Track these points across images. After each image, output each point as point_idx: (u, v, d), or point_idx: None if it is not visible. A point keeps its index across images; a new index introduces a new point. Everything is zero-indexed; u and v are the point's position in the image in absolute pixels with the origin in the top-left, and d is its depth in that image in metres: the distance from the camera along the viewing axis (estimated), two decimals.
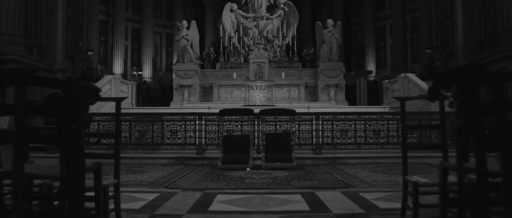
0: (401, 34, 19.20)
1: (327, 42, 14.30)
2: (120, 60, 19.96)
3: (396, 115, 7.84)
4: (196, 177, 5.38)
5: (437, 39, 14.93)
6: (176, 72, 14.46)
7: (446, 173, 2.13)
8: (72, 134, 1.51)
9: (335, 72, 14.16)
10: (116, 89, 11.00)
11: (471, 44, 13.44)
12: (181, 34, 14.70)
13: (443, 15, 14.70)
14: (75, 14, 15.05)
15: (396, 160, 7.30)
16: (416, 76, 11.04)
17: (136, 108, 12.22)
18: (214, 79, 14.76)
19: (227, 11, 16.12)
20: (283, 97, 14.38)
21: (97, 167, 2.21)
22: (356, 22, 22.07)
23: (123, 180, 5.12)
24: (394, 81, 11.85)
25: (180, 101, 14.13)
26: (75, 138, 1.52)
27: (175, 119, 7.82)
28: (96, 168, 2.21)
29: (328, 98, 14.02)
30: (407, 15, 19.40)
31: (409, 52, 19.28)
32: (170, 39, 22.12)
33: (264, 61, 13.75)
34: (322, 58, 14.25)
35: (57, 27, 13.78)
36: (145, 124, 7.76)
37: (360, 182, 4.90)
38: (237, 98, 14.11)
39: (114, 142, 2.84)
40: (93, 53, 16.85)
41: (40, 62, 13.13)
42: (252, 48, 15.14)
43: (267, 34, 15.85)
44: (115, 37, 19.81)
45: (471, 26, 13.45)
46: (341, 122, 7.70)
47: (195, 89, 14.34)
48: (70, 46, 14.63)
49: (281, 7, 15.97)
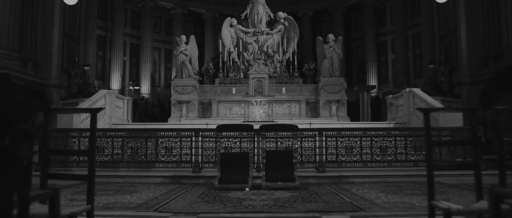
0: (403, 49, 18.99)
1: (328, 57, 14.00)
2: (118, 76, 19.67)
3: (403, 131, 7.43)
4: (191, 198, 4.94)
5: (440, 54, 14.65)
6: (174, 87, 14.12)
7: (499, 201, 1.72)
8: (7, 150, 1.11)
9: (336, 87, 13.81)
10: (111, 104, 10.62)
11: (476, 59, 13.16)
12: (180, 49, 14.42)
13: (446, 29, 14.46)
14: (72, 29, 14.81)
15: (405, 178, 6.89)
16: (421, 90, 10.68)
17: (131, 124, 11.81)
18: (213, 95, 14.41)
19: (226, 26, 15.89)
20: (284, 113, 14.00)
21: (52, 194, 1.79)
22: (357, 38, 21.91)
23: (109, 201, 4.68)
24: (399, 96, 11.48)
25: (178, 118, 13.74)
26: (10, 155, 1.11)
27: (170, 135, 7.41)
28: (50, 195, 1.79)
29: (329, 114, 13.63)
30: (408, 31, 19.25)
31: (411, 68, 19.03)
32: (169, 54, 21.91)
33: (264, 77, 13.41)
34: (323, 73, 13.93)
35: (53, 41, 13.53)
36: (139, 140, 7.34)
37: (370, 204, 4.46)
38: (236, 114, 13.74)
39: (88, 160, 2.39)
40: (90, 68, 16.56)
41: (34, 76, 12.82)
42: (252, 63, 14.84)
43: (267, 49, 15.57)
44: (113, 52, 19.57)
45: (475, 40, 13.19)
46: (345, 138, 7.28)
47: (194, 105, 13.97)
48: (66, 60, 14.34)
49: (281, 22, 15.74)
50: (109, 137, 7.31)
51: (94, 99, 10.08)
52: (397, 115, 11.43)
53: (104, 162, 7.41)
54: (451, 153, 7.14)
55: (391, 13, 20.29)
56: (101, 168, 7.35)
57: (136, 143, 7.37)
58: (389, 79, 20.41)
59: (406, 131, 7.43)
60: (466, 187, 5.92)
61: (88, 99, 10.21)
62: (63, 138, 7.59)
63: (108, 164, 7.42)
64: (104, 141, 7.30)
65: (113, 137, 7.33)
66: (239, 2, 21.31)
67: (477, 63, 13.07)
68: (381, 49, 20.93)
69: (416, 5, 18.42)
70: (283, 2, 21.29)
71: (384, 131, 7.45)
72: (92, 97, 10.38)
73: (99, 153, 7.45)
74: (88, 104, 9.75)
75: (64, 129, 8.01)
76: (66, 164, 7.43)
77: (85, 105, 9.77)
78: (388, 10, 20.60)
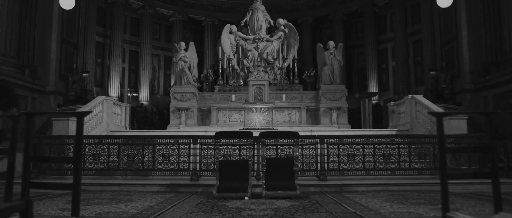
0: (404, 56, 18.89)
1: (329, 64, 13.87)
2: (116, 83, 19.51)
3: (406, 138, 7.25)
4: (188, 208, 4.74)
5: (441, 61, 14.52)
6: (173, 94, 13.98)
7: None
8: None
9: (337, 95, 13.67)
10: (108, 111, 10.45)
11: (478, 65, 13.02)
12: (179, 55, 14.30)
13: (447, 36, 14.35)
14: (70, 35, 14.69)
15: (409, 187, 6.70)
16: (423, 97, 10.52)
17: (128, 131, 11.62)
18: (212, 102, 14.26)
19: (226, 32, 15.78)
20: (284, 121, 13.83)
21: (24, 206, 1.59)
22: (357, 45, 21.82)
23: (103, 211, 4.48)
24: (400, 103, 11.32)
25: (177, 125, 13.58)
26: None
27: (168, 142, 7.22)
28: (22, 208, 1.60)
29: (330, 121, 13.47)
30: (409, 38, 19.17)
31: (412, 75, 18.92)
32: (168, 62, 21.79)
33: (264, 84, 13.26)
34: (323, 80, 13.79)
35: (51, 47, 13.40)
36: (135, 147, 7.15)
37: (375, 214, 4.27)
38: (236, 121, 13.58)
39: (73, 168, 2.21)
40: (89, 75, 16.42)
41: (32, 83, 12.67)
42: (252, 70, 14.70)
43: (267, 56, 15.44)
44: (112, 59, 19.44)
45: (477, 47, 13.07)
46: (348, 145, 7.10)
47: (193, 112, 13.82)
48: (64, 67, 14.19)
49: (281, 29, 15.64)
50: (105, 144, 7.12)
51: (91, 105, 9.90)
52: (399, 122, 11.25)
53: (100, 169, 7.22)
54: (456, 160, 6.97)
55: (391, 20, 20.22)
56: (97, 176, 7.16)
57: (132, 150, 7.18)
58: (390, 87, 20.28)
59: (410, 138, 7.26)
60: (473, 196, 5.73)
61: (85, 106, 10.04)
62: (58, 145, 7.41)
63: (104, 172, 7.23)
64: (99, 148, 7.11)
65: (109, 144, 7.15)
66: (239, 9, 21.27)
67: (479, 70, 12.93)
68: (382, 56, 20.83)
69: (416, 12, 18.36)
70: (282, 9, 21.25)
71: (387, 138, 7.27)
72: (89, 103, 10.21)
73: (95, 161, 7.27)
74: (84, 110, 9.58)
75: (59, 135, 7.83)
76: (61, 172, 7.24)
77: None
78: (388, 17, 20.54)
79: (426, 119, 9.47)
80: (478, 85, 12.73)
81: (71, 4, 6.46)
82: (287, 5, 21.98)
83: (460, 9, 13.13)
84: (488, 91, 12.36)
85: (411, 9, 18.97)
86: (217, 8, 22.37)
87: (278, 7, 21.09)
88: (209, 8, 22.33)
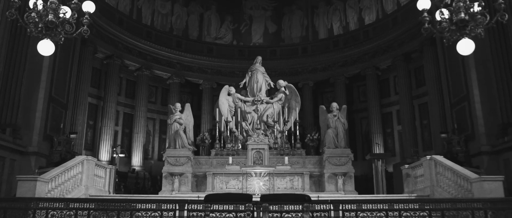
0: (410, 120, 18.10)
1: (333, 127, 13.02)
2: (107, 146, 18.41)
3: (440, 203, 6.03)
4: None
5: (452, 123, 13.69)
6: (166, 158, 12.99)
7: None
8: None
9: (342, 159, 12.66)
10: (88, 172, 9.29)
11: (493, 126, 12.13)
12: (174, 117, 13.52)
13: (457, 96, 13.65)
14: (59, 94, 13.93)
15: None
16: (444, 158, 9.44)
17: (111, 195, 10.33)
18: (208, 167, 13.17)
19: (224, 94, 15.15)
20: (285, 187, 12.65)
21: None
22: (360, 109, 21.20)
23: None
24: (417, 166, 10.20)
25: (170, 191, 12.40)
26: None
27: (149, 207, 5.97)
28: None
29: (335, 188, 12.27)
30: (414, 100, 18.58)
31: (419, 139, 18.02)
32: (164, 125, 20.92)
33: (263, 148, 12.25)
34: (327, 144, 12.85)
35: (37, 106, 12.57)
36: (109, 213, 5.89)
37: None
38: (233, 188, 12.42)
39: None
40: (77, 136, 15.44)
41: (12, 142, 11.62)
42: (251, 133, 13.82)
43: (267, 119, 14.65)
44: (104, 121, 18.57)
45: (491, 106, 12.28)
46: (368, 212, 5.86)
47: (187, 178, 12.70)
48: (50, 127, 13.24)
49: (282, 91, 15.06)
50: (73, 209, 5.88)
51: (67, 166, 8.76)
52: (416, 187, 10.04)
53: None
54: None
55: (394, 83, 19.80)
56: None
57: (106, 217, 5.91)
58: (396, 152, 19.26)
59: (443, 203, 6.04)
60: None
61: (61, 166, 8.89)
62: (20, 209, 6.15)
63: None
64: (65, 213, 5.86)
65: (78, 209, 5.90)
66: (238, 73, 20.98)
67: (496, 131, 12.01)
68: (386, 120, 20.07)
69: (420, 75, 18.01)
70: (283, 73, 20.98)
71: (415, 203, 6.06)
72: (66, 163, 9.07)
73: None
74: (58, 171, 8.40)
75: (22, 198, 6.61)
76: None
77: (55, 173, 8.39)
78: (391, 80, 20.13)
79: (450, 182, 8.33)
80: (496, 148, 11.74)
81: (50, 51, 5.68)
82: (287, 69, 21.78)
83: (469, 66, 12.58)
84: (507, 153, 11.36)
85: (415, 71, 18.65)
86: (215, 71, 22.10)
87: (278, 70, 20.85)
88: (207, 72, 22.05)
